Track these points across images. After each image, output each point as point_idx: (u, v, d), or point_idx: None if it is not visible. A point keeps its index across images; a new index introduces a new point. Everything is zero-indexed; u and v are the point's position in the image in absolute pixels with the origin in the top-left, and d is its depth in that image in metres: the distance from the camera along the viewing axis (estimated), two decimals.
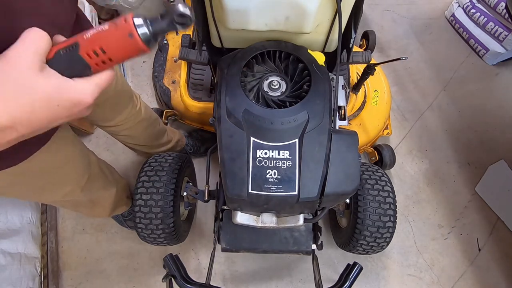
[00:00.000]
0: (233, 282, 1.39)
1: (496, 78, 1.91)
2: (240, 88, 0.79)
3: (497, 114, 1.79)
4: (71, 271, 1.42)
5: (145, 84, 1.81)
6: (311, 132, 0.77)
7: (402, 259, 1.45)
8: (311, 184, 0.76)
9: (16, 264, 1.24)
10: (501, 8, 1.76)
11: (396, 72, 1.91)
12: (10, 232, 1.29)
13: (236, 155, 0.76)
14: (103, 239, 1.47)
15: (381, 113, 1.49)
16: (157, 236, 1.11)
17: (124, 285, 1.39)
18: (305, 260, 1.41)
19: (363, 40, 1.81)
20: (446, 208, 1.56)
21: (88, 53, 0.39)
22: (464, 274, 1.44)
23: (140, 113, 1.12)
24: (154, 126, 1.24)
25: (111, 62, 0.40)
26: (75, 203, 1.01)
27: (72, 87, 0.40)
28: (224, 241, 1.05)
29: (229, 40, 0.92)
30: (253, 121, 0.76)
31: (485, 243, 1.49)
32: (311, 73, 0.81)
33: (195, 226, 1.47)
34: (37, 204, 1.45)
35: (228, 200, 0.81)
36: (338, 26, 0.80)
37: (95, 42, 0.39)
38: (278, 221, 0.90)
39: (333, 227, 1.40)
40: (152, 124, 1.21)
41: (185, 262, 0.93)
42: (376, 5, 2.15)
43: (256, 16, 0.78)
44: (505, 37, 1.80)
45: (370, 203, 1.07)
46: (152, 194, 1.06)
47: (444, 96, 1.84)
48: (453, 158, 1.68)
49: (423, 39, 2.03)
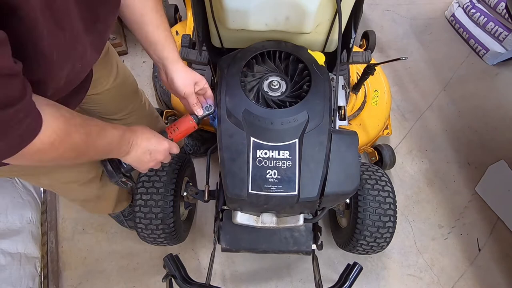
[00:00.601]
0: (233, 282, 1.39)
1: (496, 78, 1.91)
2: (240, 88, 0.79)
3: (497, 114, 1.79)
4: (71, 271, 1.42)
5: (145, 84, 1.81)
6: (311, 132, 0.77)
7: (402, 259, 1.45)
8: (311, 184, 0.76)
9: (16, 264, 1.24)
10: (501, 8, 1.76)
11: (396, 72, 1.91)
12: (10, 232, 1.29)
13: (236, 155, 0.76)
14: (103, 239, 1.47)
15: (381, 113, 1.49)
16: (157, 236, 1.11)
17: (124, 285, 1.39)
18: (305, 260, 1.41)
19: (363, 40, 1.81)
20: (446, 208, 1.56)
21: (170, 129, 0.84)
22: (464, 274, 1.43)
23: (145, 108, 1.14)
24: (155, 124, 1.25)
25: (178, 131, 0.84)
26: (86, 195, 1.06)
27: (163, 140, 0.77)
28: (224, 241, 1.05)
29: (229, 40, 0.92)
30: (253, 121, 0.76)
31: (485, 243, 1.49)
32: (311, 73, 0.81)
33: (195, 226, 1.47)
34: (37, 204, 1.45)
35: (228, 200, 0.81)
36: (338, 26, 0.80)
37: (174, 125, 0.85)
38: (278, 221, 0.90)
39: (333, 227, 1.40)
40: (153, 122, 1.23)
41: (185, 262, 0.93)
42: (376, 5, 2.15)
43: (256, 16, 0.78)
44: (505, 37, 1.80)
45: (370, 203, 1.07)
46: (152, 194, 1.06)
47: (444, 96, 1.84)
48: (453, 158, 1.68)
49: (423, 39, 2.03)
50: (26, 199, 1.40)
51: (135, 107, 1.08)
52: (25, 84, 0.43)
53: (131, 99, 1.06)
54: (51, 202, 1.51)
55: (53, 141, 0.49)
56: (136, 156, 0.72)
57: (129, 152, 0.71)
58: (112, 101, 0.98)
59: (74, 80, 0.62)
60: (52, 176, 0.89)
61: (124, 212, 1.39)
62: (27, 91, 0.43)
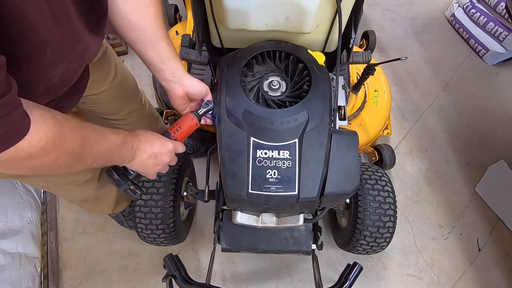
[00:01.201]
0: (233, 282, 1.39)
1: (496, 78, 1.91)
2: (240, 88, 0.79)
3: (497, 114, 1.79)
4: (71, 271, 1.42)
5: (145, 84, 1.81)
6: (311, 132, 0.77)
7: (402, 259, 1.45)
8: (311, 184, 0.76)
9: (16, 264, 1.24)
10: (501, 8, 1.76)
11: (396, 72, 1.91)
12: (10, 232, 1.29)
13: (236, 155, 0.76)
14: (103, 239, 1.47)
15: (381, 113, 1.49)
16: (157, 236, 1.11)
17: (124, 285, 1.39)
18: (305, 260, 1.41)
19: (363, 40, 1.81)
20: (446, 208, 1.56)
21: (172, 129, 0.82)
22: (464, 274, 1.43)
23: (145, 108, 1.14)
24: (156, 125, 1.25)
25: (181, 130, 0.82)
26: (84, 196, 1.06)
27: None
28: (224, 241, 1.05)
29: (229, 40, 0.92)
30: (253, 121, 0.76)
31: (485, 243, 1.49)
32: (311, 73, 0.81)
33: (195, 226, 1.47)
34: (37, 204, 1.45)
35: (228, 200, 0.81)
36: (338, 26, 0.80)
37: (176, 124, 0.82)
38: (278, 221, 0.90)
39: (333, 227, 1.40)
40: (153, 122, 1.23)
41: (185, 262, 0.93)
42: (376, 5, 2.15)
43: (256, 16, 0.78)
44: (505, 37, 1.80)
45: (370, 203, 1.07)
46: (152, 194, 1.06)
47: (444, 96, 1.84)
48: (453, 158, 1.68)
49: (423, 39, 2.03)
50: (26, 199, 1.40)
51: (135, 107, 1.07)
52: (8, 79, 0.40)
53: (130, 99, 1.05)
54: (51, 202, 1.51)
55: (44, 145, 0.46)
56: (141, 162, 0.70)
57: (133, 158, 0.68)
58: (112, 101, 0.97)
59: (69, 78, 0.61)
60: (48, 178, 0.89)
61: (124, 212, 1.39)
62: (11, 86, 0.40)
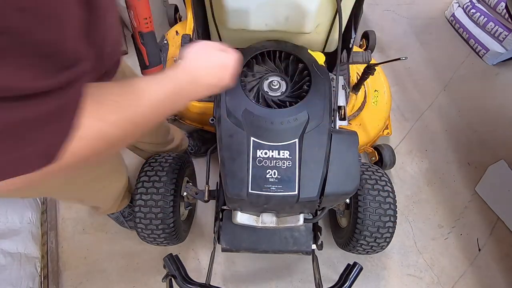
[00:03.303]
0: (233, 282, 1.39)
1: (496, 78, 1.91)
2: (240, 88, 0.79)
3: (497, 114, 1.79)
4: (71, 271, 1.42)
5: None
6: (311, 132, 0.77)
7: (402, 259, 1.45)
8: (311, 184, 0.76)
9: (16, 264, 1.24)
10: (501, 8, 1.76)
11: (396, 72, 1.90)
12: (10, 232, 1.29)
13: (236, 155, 0.76)
14: (103, 239, 1.47)
15: (381, 113, 1.49)
16: (157, 236, 1.11)
17: (124, 285, 1.39)
18: (305, 260, 1.41)
19: (363, 40, 1.81)
20: (446, 208, 1.56)
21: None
22: (464, 274, 1.43)
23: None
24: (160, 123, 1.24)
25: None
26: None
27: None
28: (224, 241, 1.05)
29: (229, 40, 0.92)
30: (253, 121, 0.76)
31: (485, 243, 1.49)
32: (311, 73, 0.81)
33: (195, 226, 1.47)
34: (37, 204, 1.45)
35: (228, 200, 0.81)
36: (338, 26, 0.80)
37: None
38: (278, 221, 0.90)
39: (333, 227, 1.40)
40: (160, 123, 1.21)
41: (185, 262, 0.93)
42: (376, 5, 2.15)
43: (256, 16, 0.78)
44: (505, 37, 1.80)
45: (370, 203, 1.07)
46: (152, 194, 1.06)
47: (444, 96, 1.84)
48: (453, 158, 1.68)
49: (423, 39, 2.03)
50: (26, 199, 1.40)
51: None
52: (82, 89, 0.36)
53: None
54: (51, 202, 1.51)
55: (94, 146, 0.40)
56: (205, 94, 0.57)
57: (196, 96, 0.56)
58: None
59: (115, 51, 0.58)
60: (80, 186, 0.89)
61: (124, 213, 1.39)
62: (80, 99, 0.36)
